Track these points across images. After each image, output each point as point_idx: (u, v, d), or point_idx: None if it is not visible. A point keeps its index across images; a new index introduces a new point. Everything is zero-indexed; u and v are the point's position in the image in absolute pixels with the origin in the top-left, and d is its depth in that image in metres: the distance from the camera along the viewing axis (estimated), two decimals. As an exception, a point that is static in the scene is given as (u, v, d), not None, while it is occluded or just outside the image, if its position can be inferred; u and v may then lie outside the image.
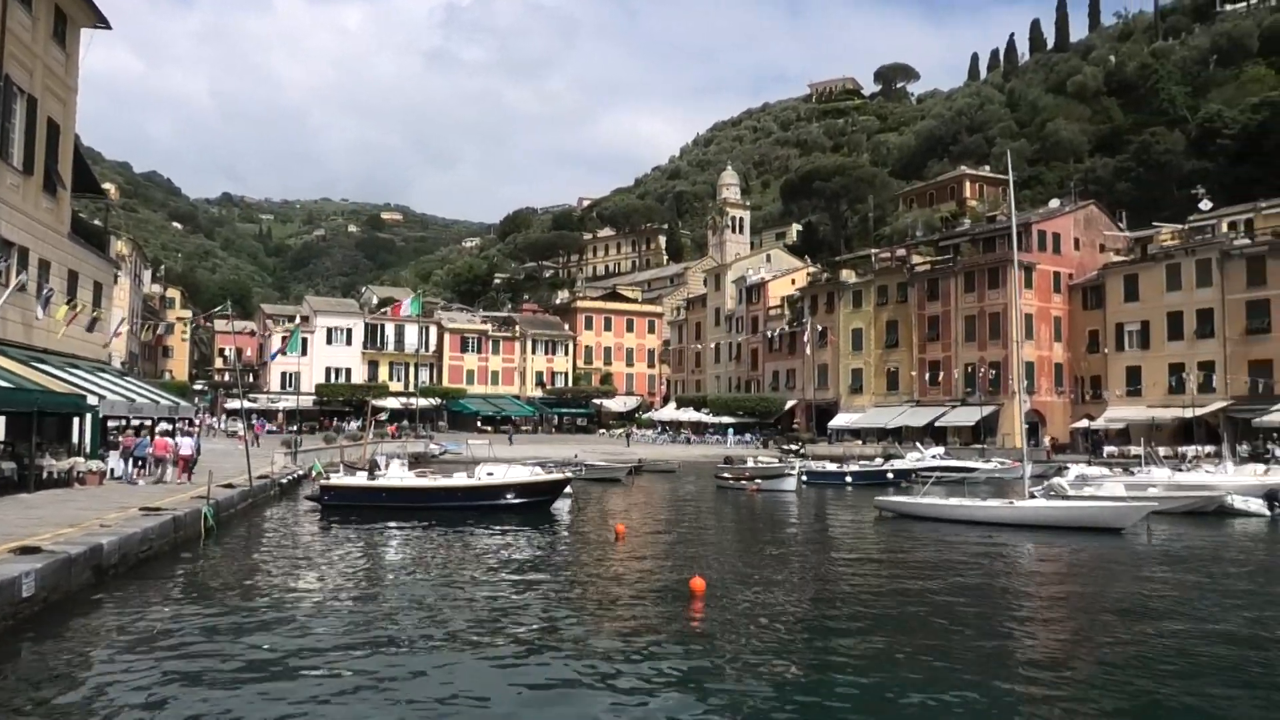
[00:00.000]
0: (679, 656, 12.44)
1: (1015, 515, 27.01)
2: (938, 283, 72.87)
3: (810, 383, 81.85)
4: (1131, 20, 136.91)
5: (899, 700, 10.72)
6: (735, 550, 23.64)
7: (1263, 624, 14.75)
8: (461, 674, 11.52)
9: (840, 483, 46.07)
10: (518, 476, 30.86)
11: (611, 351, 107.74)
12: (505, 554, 21.84)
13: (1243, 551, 23.52)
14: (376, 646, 12.73)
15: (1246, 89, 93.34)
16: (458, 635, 13.48)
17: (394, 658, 12.18)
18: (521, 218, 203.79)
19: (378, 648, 12.66)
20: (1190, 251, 62.68)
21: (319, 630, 13.62)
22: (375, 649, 12.59)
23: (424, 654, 12.41)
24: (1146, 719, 10.22)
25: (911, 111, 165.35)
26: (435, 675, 11.43)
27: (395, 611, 15.09)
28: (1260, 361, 58.03)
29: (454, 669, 11.74)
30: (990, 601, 16.80)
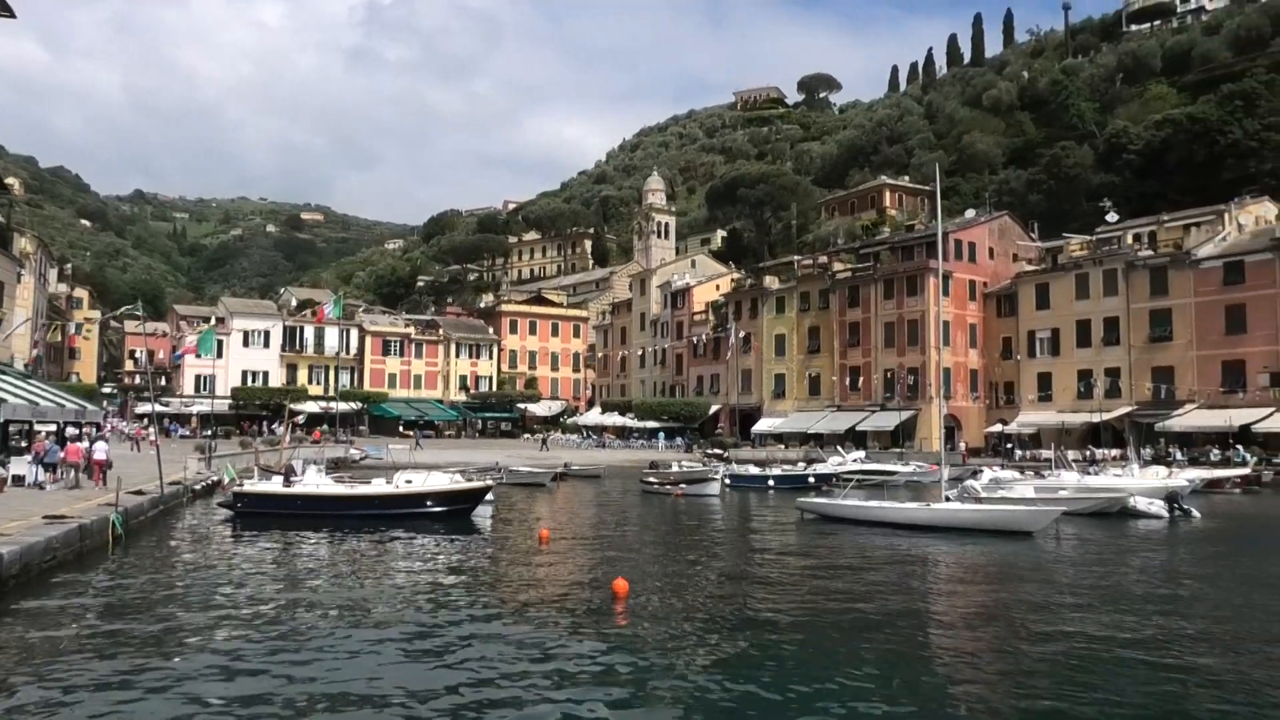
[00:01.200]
0: (601, 659, 12.43)
1: (931, 517, 27.61)
2: (858, 290, 74.20)
3: (734, 388, 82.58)
4: (1043, 38, 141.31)
5: (818, 700, 10.86)
6: (659, 553, 23.71)
7: (1161, 624, 15.31)
8: (378, 684, 11.33)
9: (763, 486, 46.56)
10: (438, 483, 30.43)
11: (536, 356, 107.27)
12: (425, 562, 21.56)
13: (1143, 553, 24.40)
14: (290, 658, 12.44)
15: (1150, 106, 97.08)
16: (374, 645, 13.26)
17: (309, 669, 11.93)
18: (446, 220, 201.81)
19: (291, 659, 12.37)
20: (1098, 262, 64.92)
21: (229, 643, 13.27)
22: (289, 661, 12.30)
23: (340, 665, 12.17)
24: (1056, 716, 10.51)
25: (833, 121, 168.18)
26: (352, 686, 11.22)
27: (309, 622, 14.78)
28: (1162, 368, 60.38)
29: (370, 679, 11.54)
30: (906, 602, 17.14)
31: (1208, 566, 21.64)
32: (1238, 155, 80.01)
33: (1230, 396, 56.77)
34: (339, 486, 30.55)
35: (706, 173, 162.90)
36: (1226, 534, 28.36)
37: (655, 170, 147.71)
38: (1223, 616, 15.67)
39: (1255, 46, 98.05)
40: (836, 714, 10.44)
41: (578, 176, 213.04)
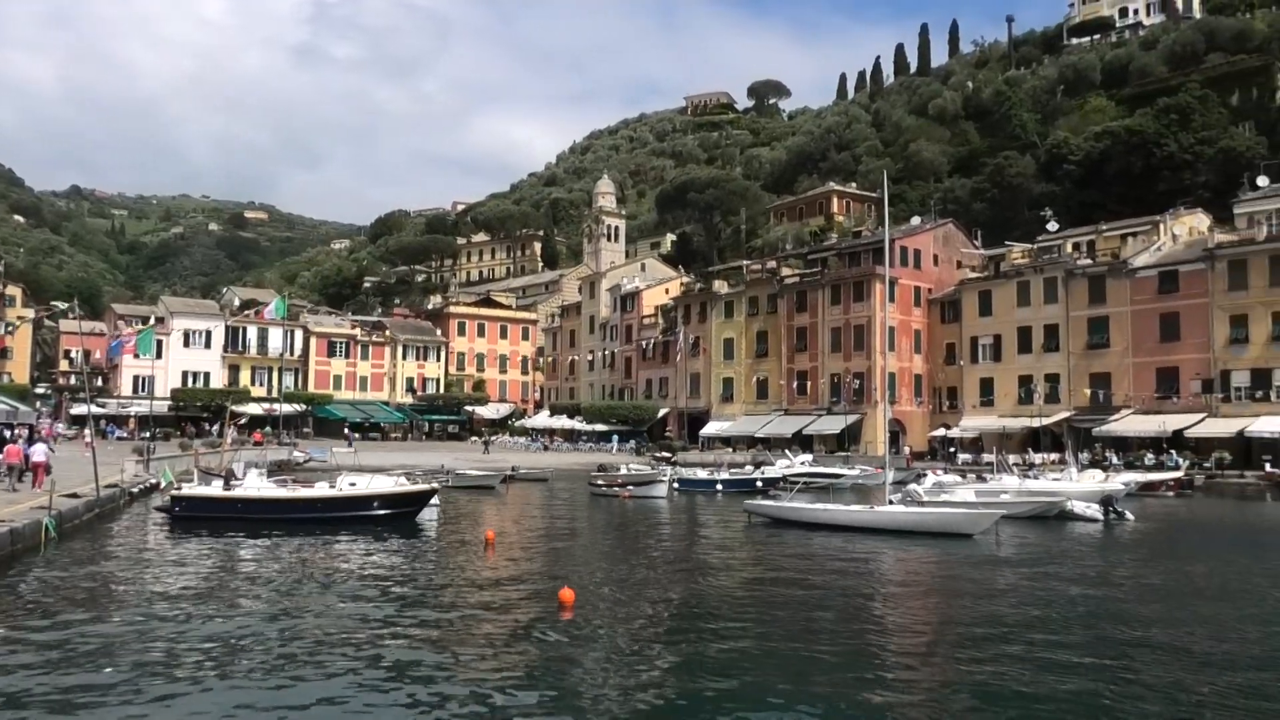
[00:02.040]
0: (547, 665, 12.38)
1: (875, 520, 27.95)
2: (806, 295, 74.91)
3: (683, 391, 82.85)
4: (987, 49, 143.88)
5: (765, 705, 10.92)
6: (606, 557, 23.69)
7: (1090, 625, 15.65)
8: (317, 692, 11.16)
9: (712, 490, 46.74)
10: (382, 486, 30.06)
11: (485, 358, 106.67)
12: (368, 566, 21.29)
13: (1075, 555, 24.91)
14: (225, 665, 12.21)
15: (1090, 118, 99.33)
16: (313, 650, 13.05)
17: (242, 678, 11.71)
18: (393, 220, 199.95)
19: (227, 667, 12.14)
20: (1039, 270, 66.27)
21: (163, 650, 12.98)
22: (224, 668, 12.07)
23: (276, 672, 11.97)
24: (994, 715, 10.69)
25: (783, 127, 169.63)
26: (287, 695, 11.04)
27: (247, 628, 14.50)
28: (1100, 374, 61.83)
29: (308, 687, 11.36)
30: (850, 604, 17.31)
31: (1137, 569, 22.18)
32: (1173, 168, 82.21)
33: (1164, 402, 58.29)
34: (281, 489, 30.01)
35: (657, 176, 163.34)
36: (1157, 537, 29.10)
37: (605, 173, 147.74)
38: (1150, 617, 16.05)
39: (1190, 62, 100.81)
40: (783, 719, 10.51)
41: (527, 178, 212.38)
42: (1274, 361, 54.74)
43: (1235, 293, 56.43)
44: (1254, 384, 55.32)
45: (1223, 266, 57.15)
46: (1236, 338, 56.13)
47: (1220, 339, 56.73)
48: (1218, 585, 19.50)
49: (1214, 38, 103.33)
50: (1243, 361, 55.92)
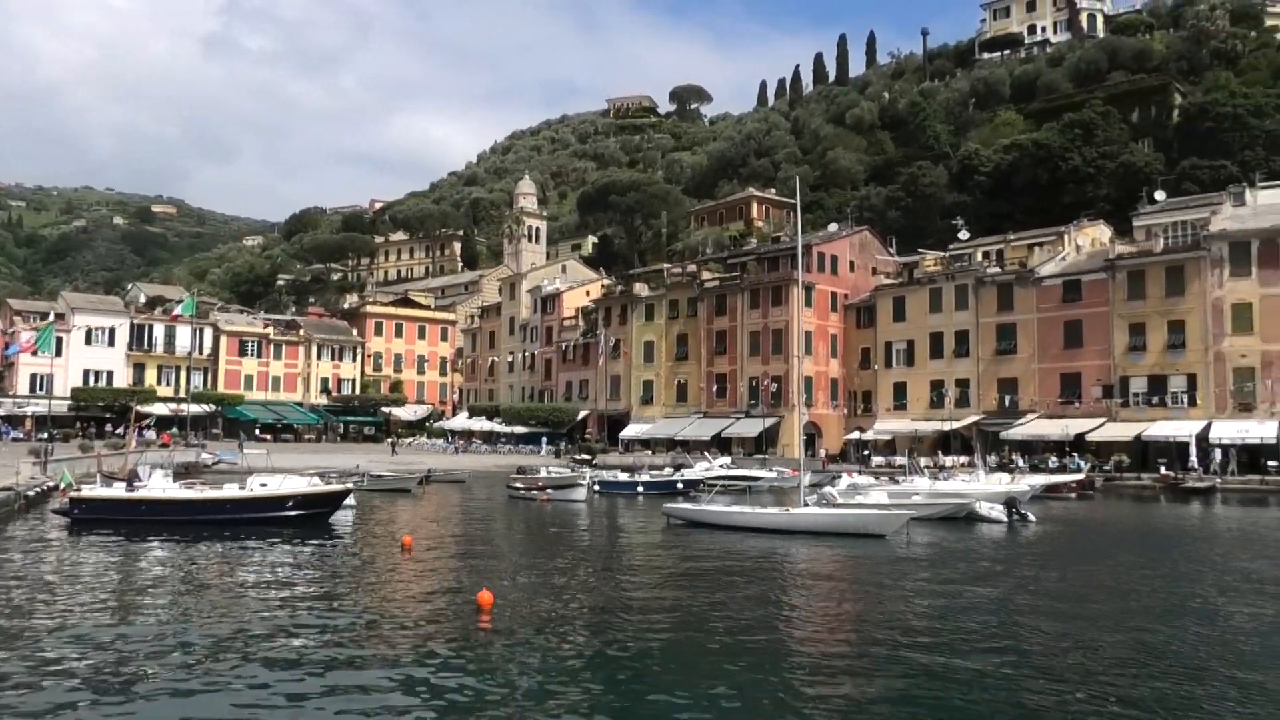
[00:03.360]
0: (464, 670, 12.26)
1: (791, 522, 28.37)
2: (725, 299, 75.65)
3: (603, 393, 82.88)
4: (903, 60, 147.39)
5: (682, 706, 10.99)
6: (525, 560, 23.56)
7: (994, 622, 16.15)
8: (222, 701, 10.88)
9: (632, 492, 46.83)
10: (294, 487, 29.42)
11: (402, 359, 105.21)
12: (278, 569, 20.81)
13: (977, 555, 25.63)
14: (123, 674, 11.81)
15: (999, 131, 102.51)
16: (218, 657, 12.71)
17: (145, 685, 11.34)
18: (308, 217, 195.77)
19: (124, 676, 11.75)
20: (950, 277, 68.09)
21: (58, 659, 12.50)
22: (122, 677, 11.68)
23: (177, 683, 11.62)
24: (905, 716, 10.95)
25: (704, 132, 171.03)
26: (192, 703, 10.74)
27: (143, 634, 14.04)
28: (1007, 379, 63.80)
29: (212, 697, 11.07)
30: (764, 606, 17.52)
31: (1035, 569, 22.91)
32: (1077, 180, 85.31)
33: (1067, 407, 60.42)
34: (188, 491, 29.17)
35: (578, 178, 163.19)
36: (1057, 537, 30.12)
37: (527, 174, 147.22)
38: (1045, 614, 16.62)
39: (1093, 79, 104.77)
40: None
41: (447, 177, 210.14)
42: (1169, 369, 57.20)
43: (1134, 302, 58.80)
44: (1150, 390, 57.71)
45: (1122, 277, 59.50)
46: (1135, 345, 58.48)
47: (1120, 346, 59.04)
48: (1111, 583, 20.27)
49: (1116, 57, 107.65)
50: (1140, 368, 58.30)
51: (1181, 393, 56.59)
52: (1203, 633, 15.01)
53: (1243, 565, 23.23)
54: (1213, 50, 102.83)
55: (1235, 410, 54.49)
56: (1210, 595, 18.65)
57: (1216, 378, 55.43)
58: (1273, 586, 20.01)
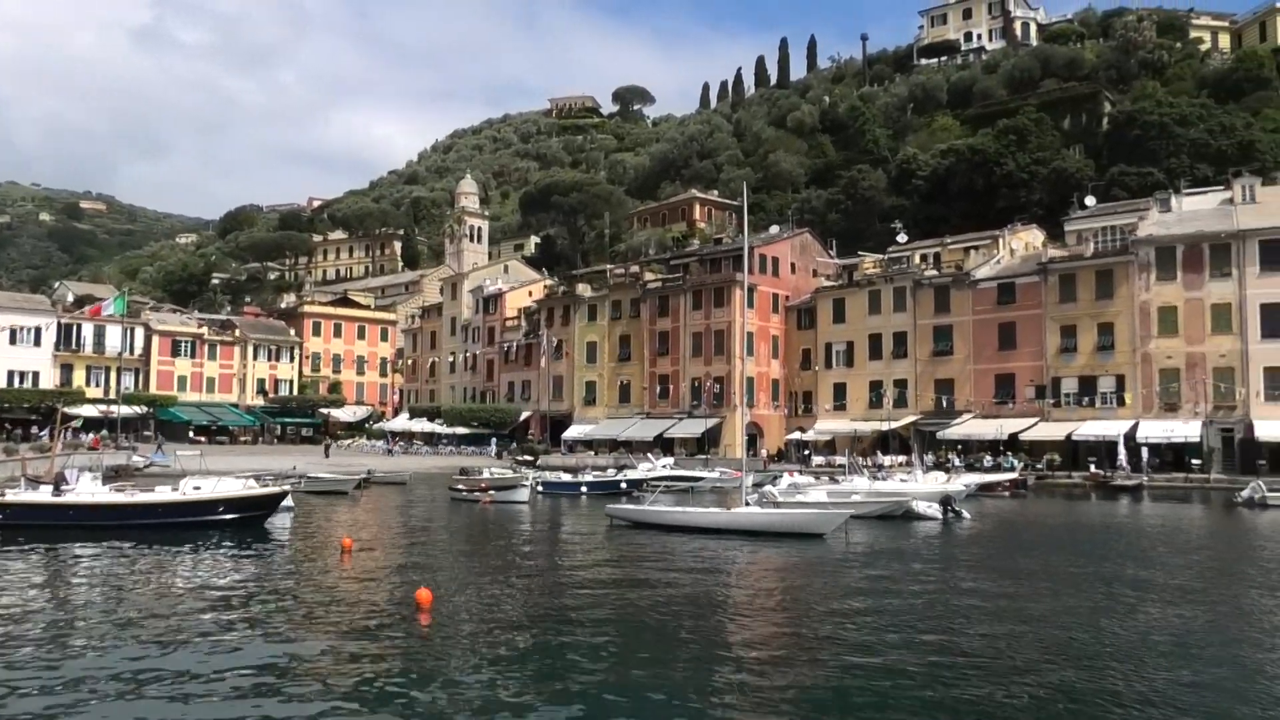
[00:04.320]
0: (403, 671, 12.16)
1: (732, 521, 28.61)
2: (668, 300, 75.92)
3: (545, 394, 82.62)
4: (843, 65, 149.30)
5: (622, 706, 11.03)
6: (465, 561, 23.42)
7: (926, 618, 16.47)
8: (156, 710, 10.65)
9: (575, 493, 46.81)
10: (228, 490, 28.87)
11: (341, 359, 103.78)
12: (212, 573, 20.41)
13: (911, 552, 26.11)
14: (50, 684, 11.50)
15: (937, 136, 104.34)
16: (151, 664, 12.44)
17: (72, 693, 11.06)
18: (245, 215, 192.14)
19: (52, 685, 11.44)
20: (889, 280, 69.14)
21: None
22: (48, 687, 11.37)
23: (111, 691, 11.36)
24: (840, 709, 11.10)
25: (647, 134, 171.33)
26: (125, 709, 10.50)
27: (72, 644, 13.69)
28: (944, 380, 64.98)
29: (146, 704, 10.84)
30: (705, 604, 17.64)
31: (968, 567, 23.42)
32: (1011, 185, 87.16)
33: (1002, 407, 61.75)
34: (118, 495, 28.43)
35: (521, 178, 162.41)
36: (989, 535, 30.78)
37: (469, 173, 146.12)
38: (973, 611, 17.00)
39: (1027, 86, 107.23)
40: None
41: (388, 176, 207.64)
42: (1099, 370, 58.77)
43: (1066, 304, 60.31)
44: (1081, 391, 59.23)
45: (1055, 280, 60.98)
46: (1066, 347, 59.98)
47: (1052, 348, 60.50)
48: (1040, 580, 20.78)
49: (1049, 64, 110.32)
50: (1072, 369, 59.80)
51: (1110, 393, 58.18)
52: (1123, 628, 15.46)
53: (1165, 561, 23.97)
54: (1140, 60, 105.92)
55: (1161, 410, 56.18)
56: (1131, 591, 19.21)
57: (1144, 378, 57.10)
58: (1189, 582, 20.68)
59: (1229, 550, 27.31)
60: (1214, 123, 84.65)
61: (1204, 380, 55.08)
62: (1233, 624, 15.83)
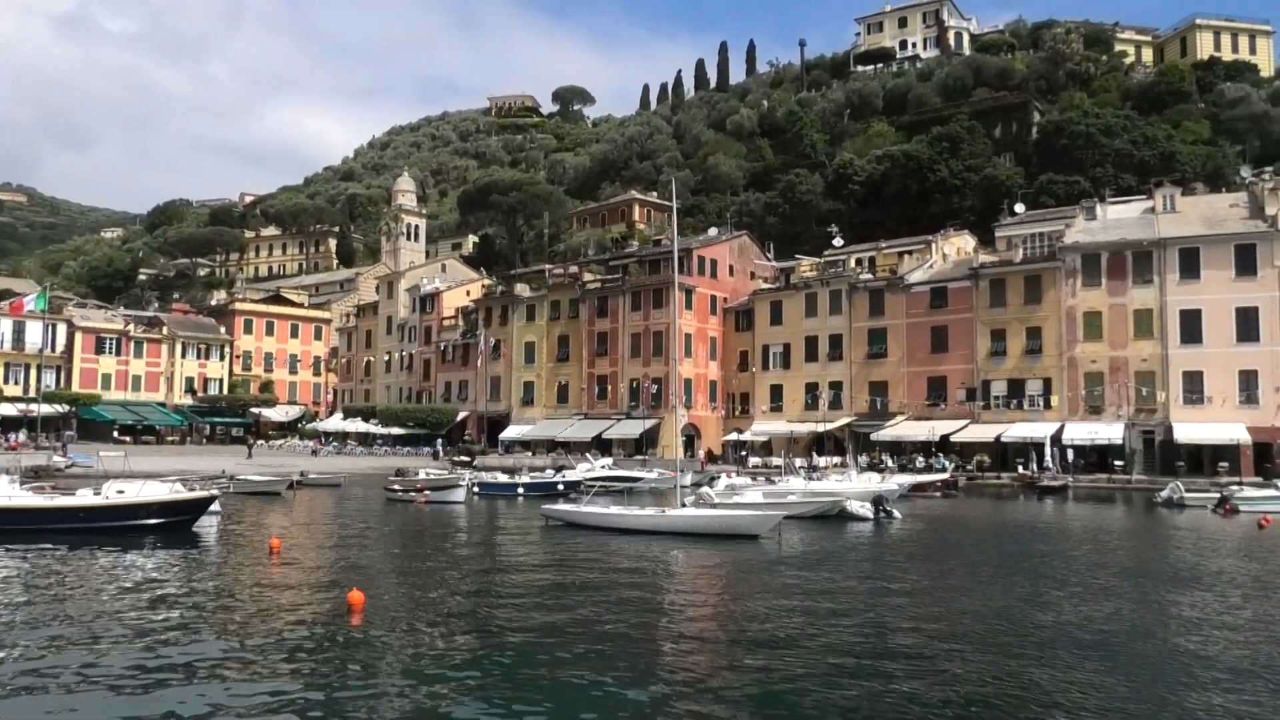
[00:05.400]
0: (333, 676, 11.97)
1: (667, 523, 28.70)
2: (607, 301, 75.94)
3: (483, 394, 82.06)
4: (782, 70, 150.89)
5: (555, 709, 11.00)
6: (399, 562, 23.14)
7: (862, 619, 16.72)
8: (83, 715, 10.35)
9: (512, 494, 46.56)
10: (154, 494, 28.08)
11: (274, 358, 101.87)
12: (135, 580, 19.85)
13: (846, 551, 26.51)
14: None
15: (872, 142, 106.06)
16: (69, 674, 12.07)
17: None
18: (174, 210, 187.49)
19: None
20: (825, 283, 70.02)
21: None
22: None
23: (29, 700, 11.00)
24: (773, 708, 11.21)
25: (587, 134, 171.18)
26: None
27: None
28: (878, 382, 66.00)
29: (63, 715, 10.51)
30: (642, 605, 17.66)
31: (897, 565, 23.84)
32: (944, 191, 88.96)
33: (934, 409, 62.94)
34: (36, 498, 27.49)
35: (459, 177, 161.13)
36: (920, 534, 31.32)
37: (406, 171, 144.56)
38: (900, 606, 17.32)
39: (960, 95, 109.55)
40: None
41: (323, 172, 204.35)
42: (1027, 373, 60.22)
43: (995, 309, 61.68)
44: (1010, 393, 60.62)
45: (985, 285, 62.34)
46: (996, 350, 61.34)
47: (982, 351, 61.84)
48: (963, 578, 21.24)
49: (981, 74, 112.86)
50: (1001, 372, 61.18)
51: (1038, 396, 59.65)
52: (1043, 624, 15.85)
53: (1087, 560, 24.64)
54: (1068, 72, 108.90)
55: (1086, 413, 57.77)
56: (1055, 590, 19.71)
57: (1069, 382, 58.65)
58: (1108, 580, 21.30)
59: (1149, 549, 28.17)
60: (1137, 134, 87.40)
61: (1126, 384, 56.78)
62: (1145, 619, 16.32)
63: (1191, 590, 19.65)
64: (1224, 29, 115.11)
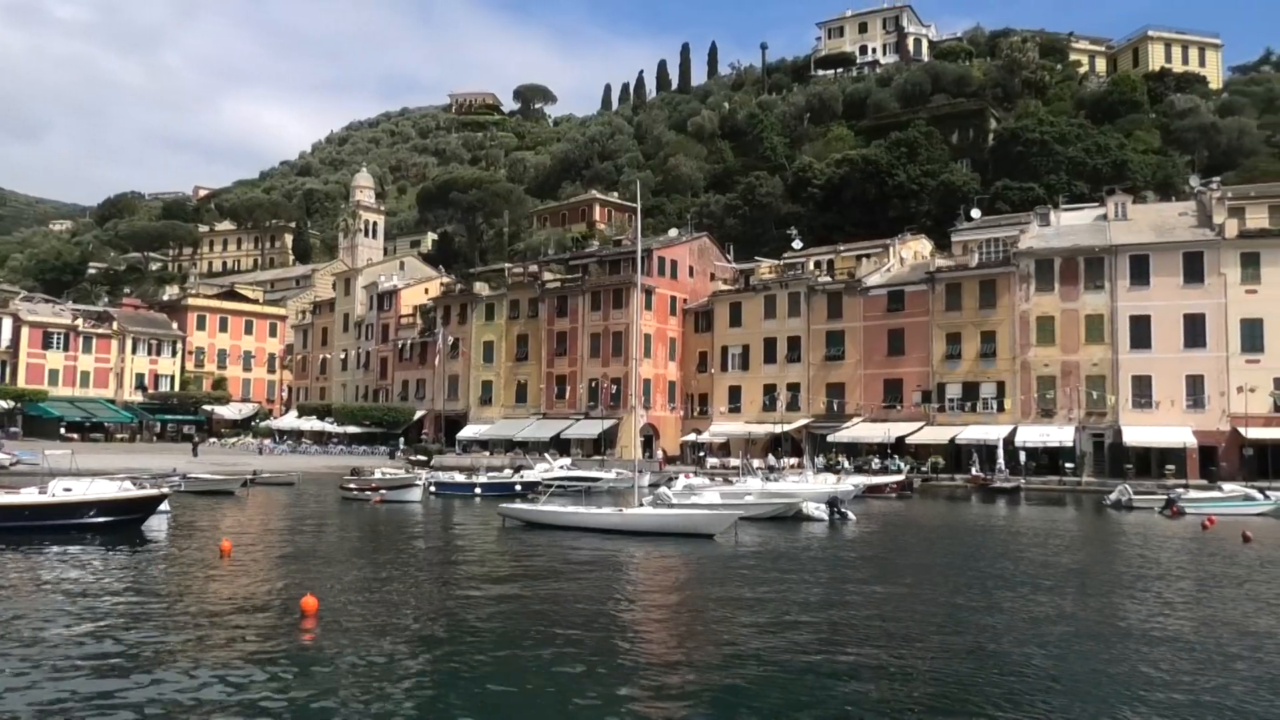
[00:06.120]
0: (284, 686, 11.79)
1: (624, 522, 28.76)
2: (567, 300, 75.81)
3: (440, 393, 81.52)
4: (743, 72, 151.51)
5: (513, 711, 10.94)
6: (354, 563, 22.89)
7: (807, 616, 16.84)
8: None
9: (470, 494, 46.29)
10: (102, 492, 27.53)
11: (227, 354, 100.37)
12: (81, 581, 19.43)
13: (798, 553, 26.66)
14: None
15: (832, 145, 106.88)
16: (17, 681, 11.79)
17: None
18: (125, 202, 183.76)
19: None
20: (784, 285, 70.46)
21: None
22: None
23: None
24: (726, 703, 11.24)
25: (548, 133, 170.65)
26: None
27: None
28: (835, 384, 66.56)
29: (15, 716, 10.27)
30: (597, 605, 17.63)
31: (848, 567, 24.06)
32: (902, 196, 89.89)
33: (890, 411, 63.59)
34: (-21, 496, 26.86)
35: (419, 174, 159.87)
36: (874, 535, 31.61)
37: (365, 167, 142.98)
38: (853, 605, 17.48)
39: (918, 100, 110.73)
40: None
41: (280, 167, 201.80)
42: (981, 376, 61.06)
43: (951, 313, 62.47)
44: (964, 396, 61.44)
45: (941, 289, 63.12)
46: (951, 353, 62.13)
47: (938, 354, 62.59)
48: (916, 579, 21.48)
49: (939, 80, 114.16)
50: (956, 375, 61.98)
51: (992, 399, 60.50)
52: (990, 622, 16.07)
53: (1038, 560, 25.02)
54: (1024, 80, 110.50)
55: (1038, 416, 58.70)
56: (1007, 591, 19.98)
57: (1022, 385, 59.56)
58: (1057, 581, 21.65)
59: (1098, 551, 28.67)
60: (1090, 142, 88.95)
61: (1078, 388, 57.80)
62: (1091, 620, 16.60)
63: (1138, 590, 20.04)
64: (1175, 41, 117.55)
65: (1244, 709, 11.23)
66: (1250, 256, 55.34)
